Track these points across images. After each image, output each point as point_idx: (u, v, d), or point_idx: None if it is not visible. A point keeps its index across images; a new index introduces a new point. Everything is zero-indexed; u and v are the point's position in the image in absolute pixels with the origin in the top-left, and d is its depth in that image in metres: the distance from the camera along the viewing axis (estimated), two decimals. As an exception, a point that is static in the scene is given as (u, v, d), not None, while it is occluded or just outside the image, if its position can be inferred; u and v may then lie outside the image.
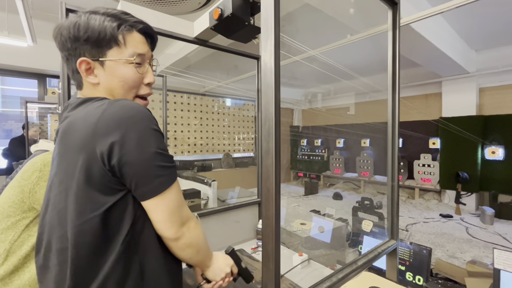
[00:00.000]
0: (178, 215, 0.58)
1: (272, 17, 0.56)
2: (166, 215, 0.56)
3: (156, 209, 0.56)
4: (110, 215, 0.52)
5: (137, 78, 0.62)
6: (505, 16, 3.25)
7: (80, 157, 0.51)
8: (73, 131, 0.54)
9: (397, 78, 1.08)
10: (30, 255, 0.93)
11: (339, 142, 6.67)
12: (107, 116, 0.52)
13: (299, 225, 2.49)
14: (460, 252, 2.95)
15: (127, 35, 0.60)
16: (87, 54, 0.58)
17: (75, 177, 0.52)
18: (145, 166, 0.53)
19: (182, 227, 0.59)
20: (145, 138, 0.53)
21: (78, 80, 0.62)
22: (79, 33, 0.57)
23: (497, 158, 4.30)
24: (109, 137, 0.50)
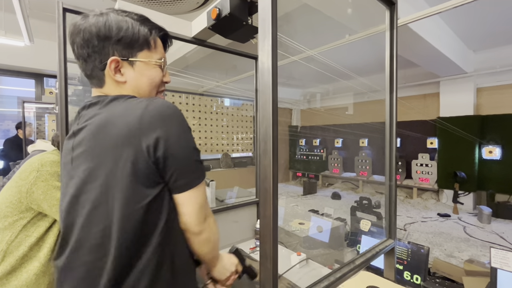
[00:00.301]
0: (204, 209, 0.62)
1: (269, 17, 0.56)
2: (196, 208, 0.60)
3: (189, 202, 0.59)
4: (151, 207, 0.55)
5: (161, 78, 0.68)
6: (503, 16, 3.27)
7: (125, 150, 0.53)
8: (112, 126, 0.55)
9: (394, 78, 1.08)
10: (27, 255, 0.92)
11: (337, 142, 6.68)
12: (150, 112, 0.55)
13: (298, 224, 2.49)
14: (457, 251, 2.97)
15: (156, 40, 0.66)
16: (117, 53, 0.60)
17: (119, 170, 0.53)
18: (187, 160, 0.58)
19: (205, 222, 0.62)
20: (185, 134, 0.58)
21: (99, 78, 0.63)
22: (111, 32, 0.59)
23: (494, 157, 4.32)
24: (155, 131, 0.54)
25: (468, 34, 3.83)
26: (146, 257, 0.54)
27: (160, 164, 0.55)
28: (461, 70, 4.27)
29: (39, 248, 0.95)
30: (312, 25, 3.31)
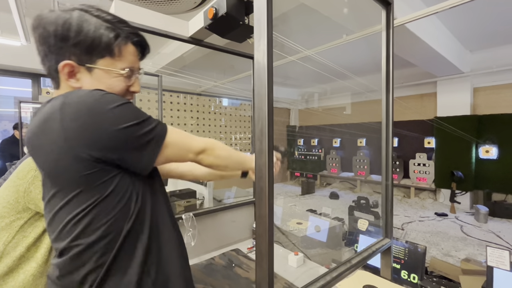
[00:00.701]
0: (190, 141, 0.63)
1: (264, 17, 0.56)
2: (183, 148, 0.62)
3: (169, 158, 0.60)
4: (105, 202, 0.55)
5: (124, 88, 0.62)
6: (499, 16, 3.29)
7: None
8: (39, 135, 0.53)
9: (391, 77, 1.08)
10: (24, 256, 0.92)
11: (335, 142, 6.70)
12: (67, 115, 0.50)
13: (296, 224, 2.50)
14: (454, 250, 2.98)
15: (123, 47, 0.59)
16: (73, 57, 0.55)
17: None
18: (127, 143, 0.53)
19: (197, 156, 0.64)
20: (112, 120, 0.51)
21: (55, 79, 0.59)
22: (69, 33, 0.54)
23: (491, 157, 4.35)
24: (82, 133, 0.49)
25: (465, 34, 3.85)
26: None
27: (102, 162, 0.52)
28: (458, 70, 4.29)
29: (36, 248, 0.95)
30: (310, 25, 3.31)
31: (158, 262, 0.58)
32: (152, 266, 0.57)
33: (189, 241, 1.33)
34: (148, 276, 0.56)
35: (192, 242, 1.34)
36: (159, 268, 0.58)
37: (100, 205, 0.52)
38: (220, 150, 0.68)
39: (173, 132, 0.60)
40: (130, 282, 0.53)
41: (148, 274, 0.56)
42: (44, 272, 0.93)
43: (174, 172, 0.94)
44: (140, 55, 0.66)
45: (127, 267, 0.54)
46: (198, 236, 1.38)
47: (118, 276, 0.53)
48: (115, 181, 0.53)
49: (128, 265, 0.54)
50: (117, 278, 0.53)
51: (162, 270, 0.59)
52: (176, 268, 0.62)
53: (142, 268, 0.55)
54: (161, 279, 0.58)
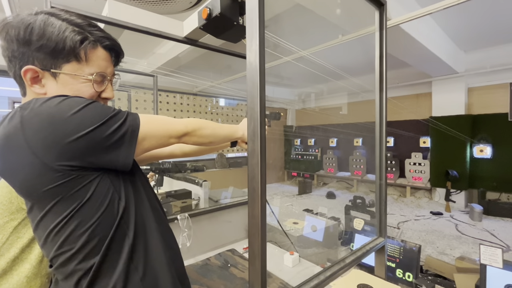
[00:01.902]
0: (168, 126, 0.62)
1: (256, 17, 0.56)
2: (159, 133, 0.60)
3: (145, 145, 0.58)
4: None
5: (93, 94, 0.59)
6: (493, 17, 3.33)
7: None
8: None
9: (384, 77, 1.09)
10: (18, 257, 0.91)
11: (332, 142, 6.73)
12: (29, 129, 0.48)
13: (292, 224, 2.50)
14: (449, 249, 3.01)
15: (90, 51, 0.56)
16: (37, 62, 0.53)
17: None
18: (98, 145, 0.50)
19: (180, 139, 0.64)
20: (75, 126, 0.48)
21: (22, 86, 0.56)
22: (31, 37, 0.51)
23: (485, 156, 4.40)
24: (48, 145, 0.47)
25: (459, 34, 3.89)
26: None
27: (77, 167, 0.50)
28: (453, 70, 4.33)
29: (30, 250, 0.94)
30: (305, 26, 3.33)
31: (145, 257, 0.58)
32: (139, 263, 0.57)
33: (184, 242, 1.33)
34: (135, 272, 0.56)
35: (187, 242, 1.34)
36: (146, 263, 0.58)
37: (81, 211, 0.51)
38: (203, 129, 0.69)
39: (147, 122, 0.57)
40: (119, 281, 0.53)
41: (135, 271, 0.56)
42: (38, 273, 0.93)
43: (162, 154, 0.93)
44: (114, 60, 0.63)
45: (115, 266, 0.54)
46: (194, 236, 1.38)
47: (107, 276, 0.53)
48: (94, 184, 0.52)
49: (116, 264, 0.54)
50: (106, 278, 0.53)
51: (150, 265, 0.58)
52: (164, 261, 0.61)
53: (129, 266, 0.55)
54: (149, 274, 0.58)
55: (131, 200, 0.58)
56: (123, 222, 0.55)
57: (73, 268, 0.52)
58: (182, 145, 0.94)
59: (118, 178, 0.56)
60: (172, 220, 1.31)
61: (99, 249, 0.52)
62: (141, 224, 0.59)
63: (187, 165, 2.10)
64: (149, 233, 0.61)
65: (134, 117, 0.56)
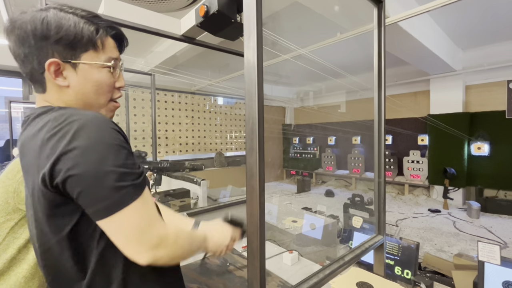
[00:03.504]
0: (146, 234, 0.49)
1: (254, 14, 0.55)
2: (128, 236, 0.48)
3: (113, 230, 0.49)
4: (74, 237, 0.52)
5: (111, 82, 0.61)
6: (490, 15, 3.33)
7: (30, 180, 0.53)
8: (25, 152, 0.53)
9: (383, 75, 1.09)
10: (16, 258, 0.90)
11: (330, 140, 6.74)
12: (54, 129, 0.47)
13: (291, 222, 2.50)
14: (447, 246, 3.03)
15: (104, 39, 0.59)
16: (56, 54, 0.54)
17: (32, 200, 0.54)
18: (95, 183, 0.46)
19: (152, 249, 0.49)
20: (96, 151, 0.47)
21: (40, 82, 0.56)
22: (49, 31, 0.52)
23: (482, 153, 4.42)
24: (53, 153, 0.46)
25: (457, 32, 3.90)
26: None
27: (61, 189, 0.47)
28: (450, 68, 4.34)
29: (27, 250, 0.93)
30: (304, 24, 3.32)
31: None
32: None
33: (183, 241, 1.33)
34: None
35: (186, 241, 1.33)
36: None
37: (74, 231, 0.51)
38: (179, 245, 0.56)
39: (139, 204, 0.50)
40: None
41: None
42: (36, 274, 0.92)
43: None
44: (118, 48, 0.65)
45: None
46: (193, 235, 1.38)
47: None
48: (73, 219, 0.51)
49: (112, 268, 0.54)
50: None
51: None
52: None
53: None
54: None
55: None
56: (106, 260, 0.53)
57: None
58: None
59: None
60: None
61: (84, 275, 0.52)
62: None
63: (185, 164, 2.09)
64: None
65: (132, 193, 0.49)
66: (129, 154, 0.51)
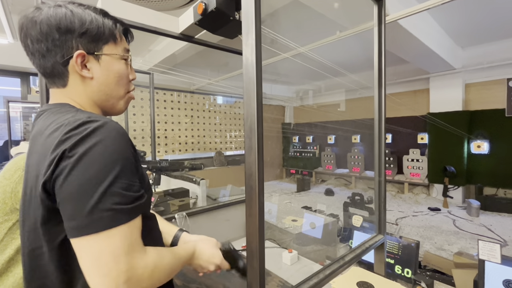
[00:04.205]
0: (114, 266, 0.43)
1: (252, 11, 0.54)
2: (92, 264, 0.43)
3: (80, 252, 0.44)
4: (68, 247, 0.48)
5: (128, 73, 0.64)
6: (490, 13, 3.32)
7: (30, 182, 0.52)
8: (31, 151, 0.52)
9: (383, 73, 1.08)
10: (13, 258, 0.89)
11: (330, 139, 6.73)
12: (60, 133, 0.46)
13: (291, 221, 2.50)
14: (447, 244, 3.03)
15: (121, 33, 0.63)
16: (81, 47, 0.56)
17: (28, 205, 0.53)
18: (78, 198, 0.43)
19: (118, 286, 0.43)
20: (92, 165, 0.44)
21: (61, 75, 0.57)
22: (73, 25, 0.54)
23: (482, 152, 4.41)
24: (52, 154, 0.45)
25: (456, 30, 3.89)
26: None
27: (51, 194, 0.46)
28: (450, 66, 4.33)
29: (25, 251, 0.92)
30: (303, 22, 3.30)
31: None
32: None
33: (182, 241, 1.32)
34: None
35: (185, 241, 1.32)
36: None
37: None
38: (160, 271, 0.51)
39: (121, 231, 0.45)
40: None
41: None
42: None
43: None
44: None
45: None
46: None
47: None
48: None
49: None
50: None
51: None
52: None
53: None
54: None
55: None
56: None
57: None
58: None
59: None
60: (169, 219, 1.30)
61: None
62: None
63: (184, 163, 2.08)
64: None
65: (118, 218, 0.45)
66: (133, 174, 0.49)
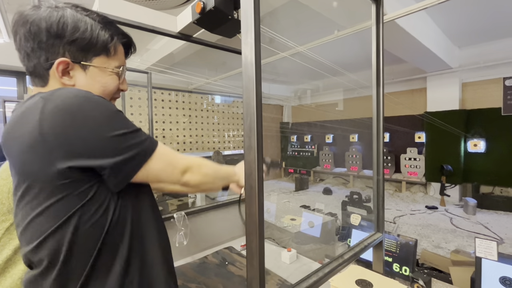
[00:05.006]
0: (173, 165, 0.59)
1: (251, 9, 0.54)
2: (162, 175, 0.57)
3: (147, 178, 0.56)
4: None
5: (116, 86, 0.64)
6: (487, 13, 3.34)
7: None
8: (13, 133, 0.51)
9: (381, 72, 1.08)
10: (11, 259, 0.89)
11: (328, 138, 6.75)
12: (48, 120, 0.47)
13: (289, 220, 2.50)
14: (444, 242, 3.05)
15: (117, 46, 0.62)
16: (68, 54, 0.55)
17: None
18: (114, 152, 0.50)
19: (184, 174, 0.60)
20: (88, 119, 0.49)
21: (42, 76, 0.56)
22: (64, 31, 0.53)
23: (479, 150, 4.45)
24: (63, 141, 0.47)
25: (453, 30, 3.91)
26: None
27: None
28: (447, 65, 4.36)
29: (23, 251, 0.92)
30: (302, 21, 3.30)
31: (140, 271, 0.56)
32: (134, 277, 0.55)
33: (181, 241, 1.32)
34: (130, 286, 0.54)
35: (184, 241, 1.32)
36: (143, 278, 0.56)
37: (77, 215, 0.49)
38: (206, 167, 0.66)
39: (161, 147, 0.58)
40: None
41: (130, 285, 0.54)
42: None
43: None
44: (125, 54, 0.68)
45: (105, 279, 0.52)
46: (191, 235, 1.37)
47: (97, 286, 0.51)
48: (93, 189, 0.51)
49: (106, 275, 0.52)
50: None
51: (147, 280, 0.57)
52: (162, 276, 0.60)
53: (124, 280, 0.53)
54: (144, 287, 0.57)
55: (128, 211, 0.56)
56: (116, 234, 0.53)
57: (58, 273, 0.50)
58: None
59: None
60: (168, 219, 1.30)
61: (88, 259, 0.51)
62: (139, 235, 0.57)
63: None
64: (149, 244, 0.59)
65: (153, 142, 0.57)
66: (123, 116, 0.56)
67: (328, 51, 4.21)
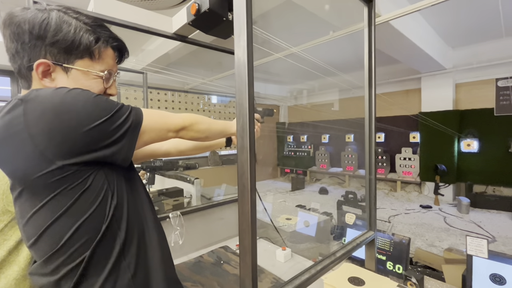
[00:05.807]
0: (165, 120, 0.63)
1: (244, 12, 0.56)
2: (159, 130, 0.61)
3: (148, 139, 0.60)
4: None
5: (101, 90, 0.62)
6: (480, 14, 3.39)
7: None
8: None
9: (373, 73, 1.10)
10: (6, 260, 0.89)
11: (324, 138, 6.78)
12: (32, 120, 0.47)
13: (285, 220, 2.52)
14: (438, 241, 3.09)
15: (103, 50, 0.60)
16: (49, 56, 0.54)
17: None
18: (105, 138, 0.52)
19: (178, 134, 0.65)
20: (87, 117, 0.50)
21: (26, 78, 0.56)
22: (46, 33, 0.53)
23: (472, 150, 4.51)
24: (52, 138, 0.47)
25: (447, 31, 3.96)
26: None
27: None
28: (441, 66, 4.41)
29: (18, 252, 0.92)
30: (296, 22, 3.32)
31: (138, 256, 0.58)
32: (131, 261, 0.57)
33: (177, 240, 1.33)
34: (127, 270, 0.56)
35: (180, 240, 1.33)
36: (139, 262, 0.58)
37: (75, 207, 0.51)
38: (199, 124, 0.70)
39: (148, 115, 0.60)
40: (108, 278, 0.53)
41: (127, 269, 0.56)
42: (27, 275, 0.91)
43: (159, 152, 0.93)
44: (118, 59, 0.67)
45: (105, 264, 0.54)
46: (186, 234, 1.38)
47: (96, 274, 0.53)
48: (89, 179, 0.52)
49: (105, 262, 0.54)
50: (95, 276, 0.53)
51: (143, 264, 0.59)
52: (158, 261, 0.62)
53: (120, 264, 0.55)
54: (141, 273, 0.58)
55: (124, 197, 0.58)
56: (114, 221, 0.55)
57: (60, 263, 0.51)
58: (177, 143, 0.95)
59: (112, 174, 0.56)
60: (163, 219, 1.30)
61: (88, 246, 0.52)
62: (136, 221, 0.59)
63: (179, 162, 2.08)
64: (146, 231, 0.61)
65: (138, 112, 0.58)
66: (101, 100, 0.55)
67: (323, 51, 4.24)
